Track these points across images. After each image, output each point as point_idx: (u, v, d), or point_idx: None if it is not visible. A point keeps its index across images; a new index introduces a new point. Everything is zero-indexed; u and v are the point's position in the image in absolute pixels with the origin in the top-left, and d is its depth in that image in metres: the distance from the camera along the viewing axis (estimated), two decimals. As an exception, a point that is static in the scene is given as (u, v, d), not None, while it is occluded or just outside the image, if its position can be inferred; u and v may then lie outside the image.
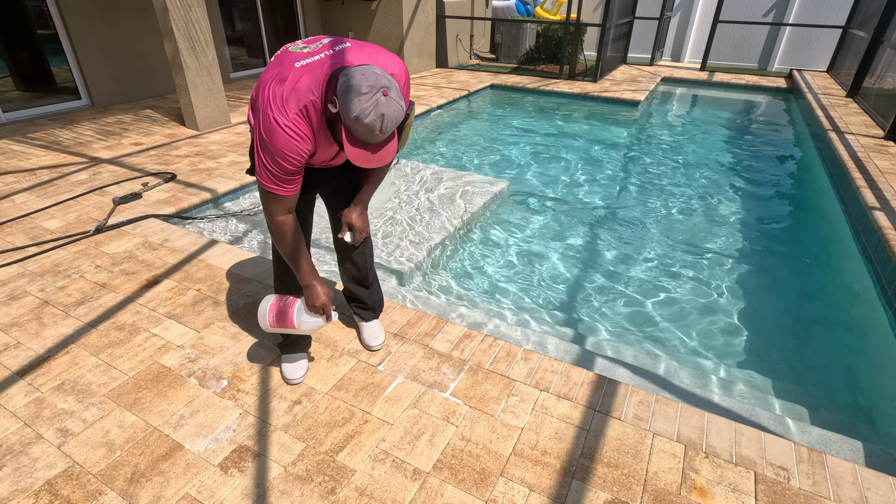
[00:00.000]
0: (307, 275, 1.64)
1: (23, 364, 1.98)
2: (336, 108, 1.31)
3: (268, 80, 1.40)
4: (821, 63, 9.74)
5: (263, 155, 1.41)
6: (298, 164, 1.44)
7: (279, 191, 1.47)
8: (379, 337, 2.10)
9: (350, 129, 1.30)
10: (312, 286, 1.64)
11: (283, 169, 1.42)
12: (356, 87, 1.25)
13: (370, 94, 1.25)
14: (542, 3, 11.08)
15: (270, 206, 1.51)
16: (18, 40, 5.29)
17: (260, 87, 1.43)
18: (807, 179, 5.01)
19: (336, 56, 1.42)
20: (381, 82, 1.27)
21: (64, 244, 2.86)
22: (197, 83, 4.85)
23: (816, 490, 1.54)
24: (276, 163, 1.41)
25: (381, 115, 1.26)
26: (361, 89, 1.25)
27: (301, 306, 1.70)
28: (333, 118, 1.37)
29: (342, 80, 1.29)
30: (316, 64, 1.40)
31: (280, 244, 1.58)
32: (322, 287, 1.66)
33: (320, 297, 1.65)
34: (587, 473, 1.59)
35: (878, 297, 2.95)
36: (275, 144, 1.38)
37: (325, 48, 1.44)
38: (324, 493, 1.51)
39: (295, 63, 1.40)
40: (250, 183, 3.87)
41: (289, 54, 1.44)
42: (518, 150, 5.59)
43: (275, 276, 1.93)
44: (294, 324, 1.70)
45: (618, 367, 2.15)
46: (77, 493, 1.50)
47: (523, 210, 4.06)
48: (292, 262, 1.62)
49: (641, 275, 3.21)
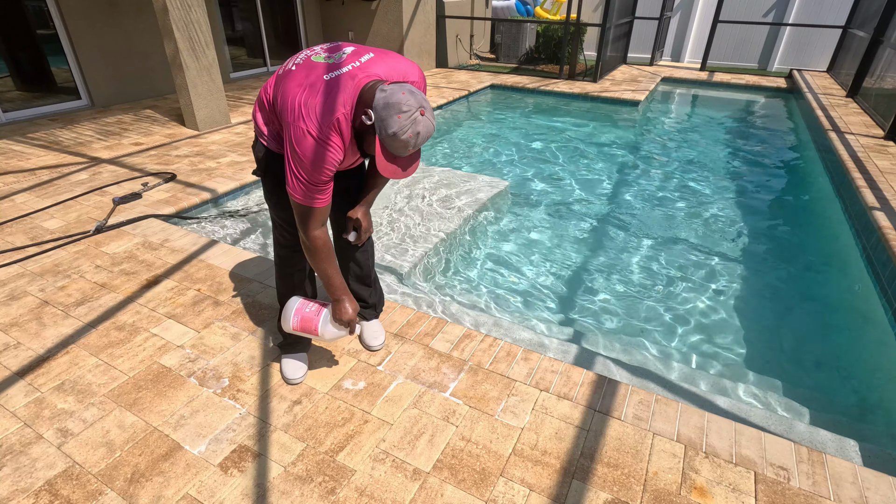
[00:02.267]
0: (338, 289, 1.65)
1: (23, 364, 1.98)
2: (371, 120, 1.34)
3: (294, 91, 1.40)
4: (821, 63, 9.74)
5: (297, 168, 1.41)
6: (332, 172, 1.45)
7: (315, 203, 1.48)
8: (379, 337, 2.11)
9: (385, 143, 1.36)
10: (342, 301, 1.66)
11: (317, 180, 1.43)
12: (396, 105, 1.31)
13: (409, 114, 1.31)
14: (542, 3, 11.08)
15: (307, 221, 1.51)
16: (18, 40, 5.29)
17: (283, 95, 1.42)
18: (807, 179, 5.01)
19: (363, 68, 1.43)
20: (419, 102, 1.33)
21: (64, 244, 2.86)
22: (197, 83, 4.85)
23: (816, 490, 1.54)
24: (311, 175, 1.41)
25: (417, 133, 1.34)
26: (402, 108, 1.31)
27: (327, 317, 1.71)
28: (365, 129, 1.40)
29: (381, 95, 1.33)
30: (346, 77, 1.41)
31: (315, 259, 1.59)
32: (351, 303, 1.67)
33: (348, 313, 1.67)
34: (587, 473, 1.59)
35: (878, 297, 2.95)
36: (310, 157, 1.39)
37: (350, 59, 1.45)
38: (324, 493, 1.51)
39: (324, 75, 1.41)
40: (250, 183, 3.87)
41: (314, 64, 1.44)
42: (518, 150, 5.58)
43: (277, 276, 1.93)
44: (318, 332, 1.71)
45: (618, 367, 2.14)
46: (77, 493, 1.50)
47: (523, 210, 4.06)
48: (326, 276, 1.63)
49: (641, 274, 3.21)
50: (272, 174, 1.65)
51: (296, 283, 1.89)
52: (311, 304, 1.75)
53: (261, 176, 1.71)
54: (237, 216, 3.52)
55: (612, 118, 6.90)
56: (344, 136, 1.42)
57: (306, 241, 1.56)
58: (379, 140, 1.36)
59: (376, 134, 1.36)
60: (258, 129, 1.63)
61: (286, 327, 1.75)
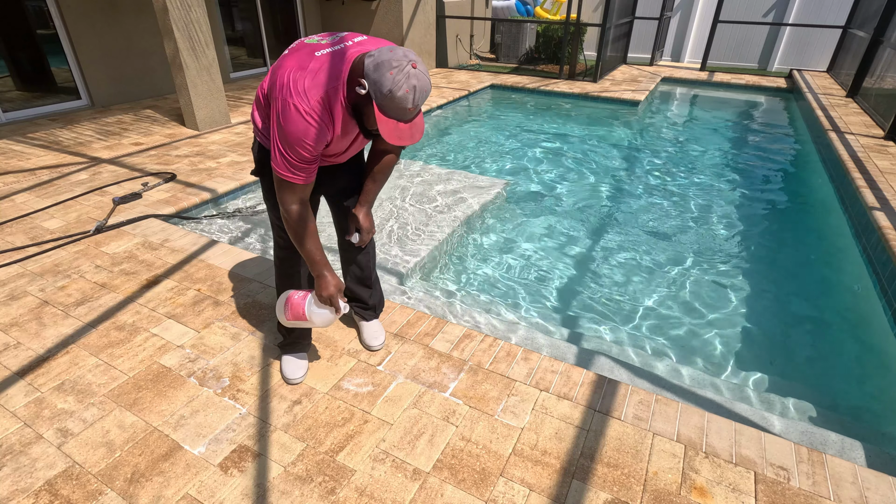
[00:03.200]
0: (318, 264, 1.61)
1: (23, 364, 1.98)
2: (365, 88, 1.32)
3: (285, 69, 1.39)
4: (821, 63, 9.75)
5: (280, 142, 1.41)
6: (315, 152, 1.43)
7: (294, 179, 1.46)
8: (379, 337, 2.10)
9: (383, 105, 1.32)
10: (322, 276, 1.62)
11: (299, 156, 1.41)
12: (387, 62, 1.28)
13: (401, 68, 1.28)
14: (542, 3, 11.08)
15: (284, 194, 1.50)
16: (18, 40, 5.28)
17: (274, 77, 1.42)
18: (807, 179, 5.01)
19: (355, 46, 1.43)
20: (409, 56, 1.30)
21: (64, 244, 2.86)
22: (197, 83, 4.85)
23: (816, 490, 1.54)
24: (294, 150, 1.40)
25: (413, 87, 1.29)
26: (392, 63, 1.28)
27: (311, 298, 1.69)
28: (361, 101, 1.37)
29: (369, 59, 1.31)
30: (337, 53, 1.40)
31: (292, 232, 1.57)
32: (332, 278, 1.63)
33: (328, 288, 1.62)
34: (587, 473, 1.59)
35: (878, 297, 2.95)
36: (293, 131, 1.37)
37: (343, 40, 1.45)
38: (324, 493, 1.51)
39: (315, 52, 1.40)
40: (250, 183, 3.87)
41: (306, 45, 1.44)
42: (518, 150, 5.58)
43: (277, 276, 1.93)
44: (306, 316, 1.68)
45: (618, 367, 2.15)
46: (77, 493, 1.50)
47: (523, 210, 4.06)
48: (303, 250, 1.60)
49: (641, 274, 3.21)
50: (270, 174, 1.65)
51: (295, 285, 1.89)
52: (300, 292, 1.73)
53: (258, 175, 1.71)
54: (237, 216, 3.52)
55: (612, 118, 6.90)
56: (334, 114, 1.41)
57: (284, 214, 1.53)
58: (377, 106, 1.32)
59: (373, 101, 1.32)
60: (255, 127, 1.63)
61: (282, 320, 1.73)
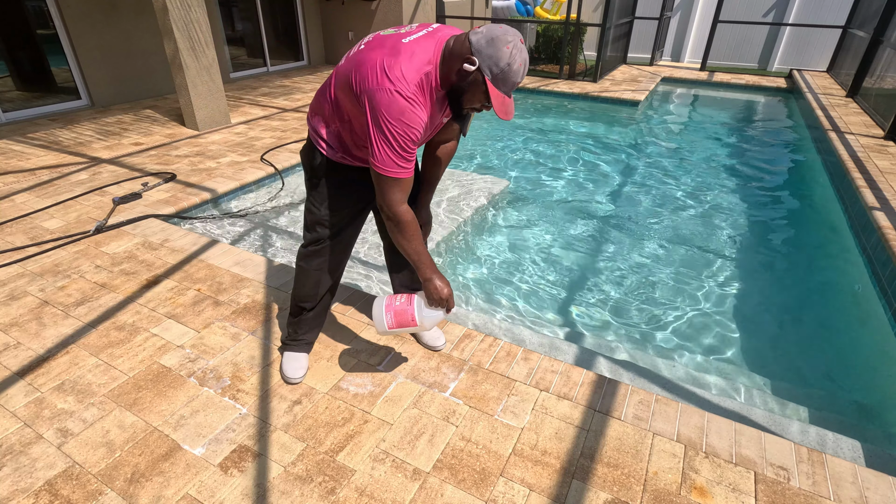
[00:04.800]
0: (429, 268, 1.57)
1: (23, 364, 1.98)
2: (475, 64, 1.31)
3: (373, 60, 1.36)
4: (821, 63, 9.75)
5: (387, 134, 1.35)
6: (420, 136, 1.41)
7: (403, 173, 1.41)
8: (441, 336, 2.12)
9: (498, 79, 1.32)
10: (433, 279, 1.57)
11: (406, 145, 1.38)
12: (501, 37, 1.29)
13: (514, 43, 1.29)
14: (542, 3, 11.08)
15: (393, 194, 1.44)
16: (18, 40, 5.28)
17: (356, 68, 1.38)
18: (807, 179, 5.01)
19: (438, 31, 1.42)
20: (516, 32, 1.32)
21: (64, 244, 2.86)
22: (197, 83, 4.85)
23: (816, 490, 1.54)
24: (403, 138, 1.36)
25: (525, 61, 1.33)
26: (507, 38, 1.29)
27: (421, 302, 1.62)
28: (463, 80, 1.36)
29: (478, 37, 1.31)
30: (425, 36, 1.39)
31: (406, 237, 1.51)
32: (441, 279, 1.59)
33: (444, 290, 1.57)
34: (587, 473, 1.59)
35: (878, 297, 2.95)
36: (397, 116, 1.34)
37: (421, 27, 1.43)
38: (324, 493, 1.51)
39: (402, 39, 1.38)
40: (250, 183, 3.87)
41: (388, 36, 1.41)
42: (518, 150, 5.58)
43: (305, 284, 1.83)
44: (416, 321, 1.61)
45: (618, 367, 2.15)
46: (77, 493, 1.50)
47: (523, 209, 4.06)
48: (415, 254, 1.54)
49: (641, 274, 3.21)
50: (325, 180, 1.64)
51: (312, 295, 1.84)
52: (399, 297, 1.66)
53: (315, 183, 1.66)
54: (237, 216, 3.52)
55: (611, 118, 6.90)
56: (429, 96, 1.39)
57: (394, 217, 1.47)
58: (490, 80, 1.32)
59: (485, 76, 1.32)
60: (314, 133, 1.60)
61: (381, 329, 1.64)
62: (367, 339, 2.16)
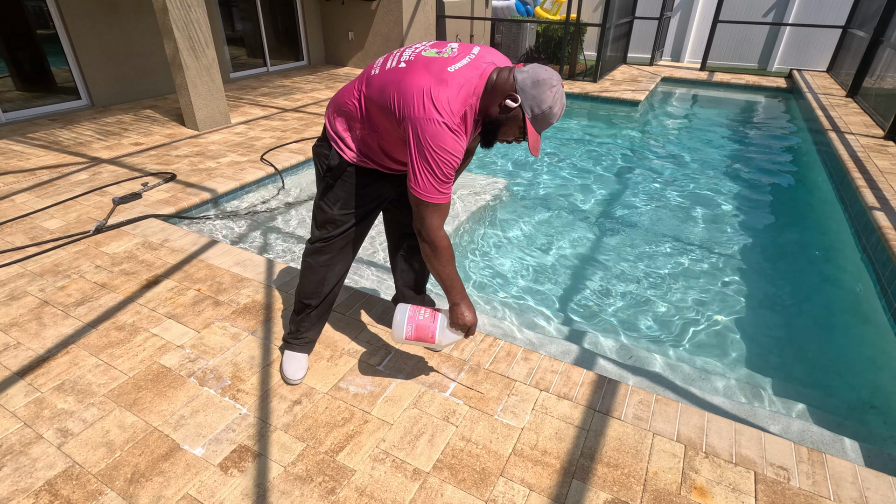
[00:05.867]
0: (460, 293, 1.58)
1: (23, 364, 1.98)
2: (517, 102, 1.35)
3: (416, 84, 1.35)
4: (821, 63, 9.75)
5: (431, 163, 1.37)
6: (456, 167, 1.43)
7: (442, 199, 1.44)
8: None
9: (536, 119, 1.37)
10: (460, 305, 1.58)
11: (448, 173, 1.40)
12: (547, 81, 1.34)
13: (556, 87, 1.35)
14: (542, 3, 11.08)
15: (433, 219, 1.45)
16: (18, 40, 5.28)
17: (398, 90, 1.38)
18: (807, 179, 5.01)
19: (480, 57, 1.43)
20: (558, 76, 1.36)
21: (64, 244, 2.86)
22: (197, 83, 4.85)
23: (816, 490, 1.54)
24: (446, 165, 1.38)
25: (563, 105, 1.39)
26: (552, 82, 1.34)
27: (444, 322, 1.62)
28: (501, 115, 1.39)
29: (524, 76, 1.35)
30: (469, 66, 1.40)
31: (441, 262, 1.52)
32: (469, 307, 1.60)
33: (470, 316, 1.59)
34: (587, 473, 1.59)
35: (878, 297, 2.95)
36: (443, 147, 1.36)
37: (463, 52, 1.43)
38: (324, 493, 1.51)
39: (447, 67, 1.38)
40: (250, 183, 3.88)
41: (432, 60, 1.40)
42: (518, 149, 5.58)
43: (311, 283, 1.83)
44: (435, 339, 1.63)
45: (618, 367, 2.15)
46: (77, 494, 1.50)
47: (523, 210, 4.06)
48: (449, 279, 1.55)
49: (641, 274, 3.21)
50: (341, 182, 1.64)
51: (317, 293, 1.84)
52: (423, 311, 1.65)
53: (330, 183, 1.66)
54: (237, 216, 3.52)
55: (611, 118, 6.90)
56: (468, 126, 1.42)
57: (432, 243, 1.48)
58: (530, 120, 1.37)
59: (525, 114, 1.36)
60: (334, 135, 1.59)
61: (398, 338, 1.65)
62: (367, 339, 2.16)
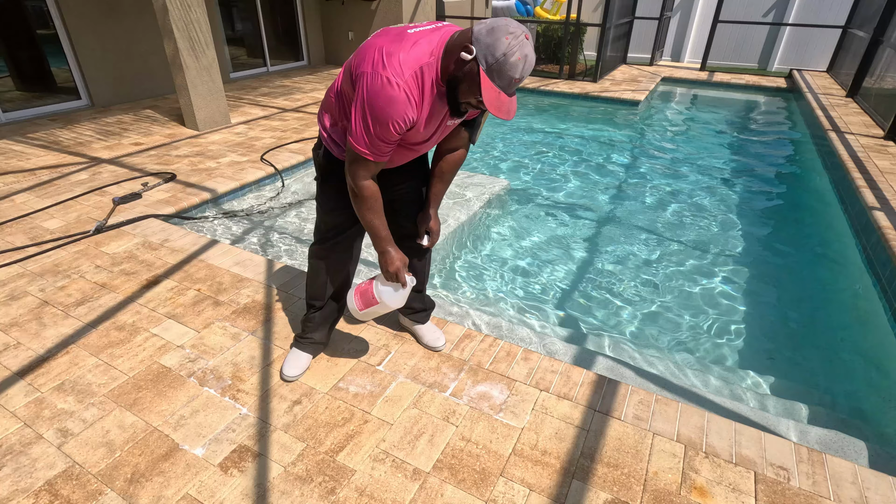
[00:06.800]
0: (383, 240, 1.59)
1: (23, 364, 1.98)
2: (472, 53, 1.26)
3: (375, 45, 1.35)
4: (821, 63, 9.74)
5: (364, 115, 1.35)
6: (400, 129, 1.38)
7: (370, 157, 1.42)
8: (441, 337, 2.12)
9: (492, 70, 1.26)
10: (387, 252, 1.60)
11: (383, 133, 1.37)
12: (502, 27, 1.24)
13: (516, 35, 1.23)
14: (542, 3, 11.08)
15: (357, 168, 1.46)
16: (18, 40, 5.28)
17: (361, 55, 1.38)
18: (807, 179, 5.01)
19: (446, 26, 1.41)
20: (522, 28, 1.26)
21: (64, 244, 2.86)
22: (197, 83, 4.85)
23: (816, 490, 1.54)
24: (378, 124, 1.35)
25: (525, 56, 1.25)
26: (508, 29, 1.24)
27: (377, 281, 1.68)
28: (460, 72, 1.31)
29: (480, 26, 1.27)
30: (429, 30, 1.38)
31: (361, 207, 1.53)
32: (396, 252, 1.61)
33: (394, 262, 1.60)
34: (587, 473, 1.59)
35: (878, 297, 2.95)
36: (382, 104, 1.32)
37: (430, 24, 1.43)
38: (324, 493, 1.51)
39: (408, 30, 1.37)
40: (250, 183, 3.87)
41: (396, 27, 1.41)
42: (518, 149, 5.58)
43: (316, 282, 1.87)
44: (376, 298, 1.66)
45: (618, 366, 2.15)
46: (77, 494, 1.50)
47: (523, 210, 4.06)
48: (372, 227, 1.57)
49: (640, 274, 3.21)
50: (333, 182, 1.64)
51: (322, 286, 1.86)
52: (362, 282, 1.72)
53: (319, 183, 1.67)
54: (237, 216, 3.52)
55: (612, 118, 6.90)
56: (424, 91, 1.37)
57: (354, 189, 1.50)
58: (485, 71, 1.26)
59: (480, 67, 1.26)
60: (323, 132, 1.60)
61: (357, 314, 1.71)
62: (367, 339, 2.16)
